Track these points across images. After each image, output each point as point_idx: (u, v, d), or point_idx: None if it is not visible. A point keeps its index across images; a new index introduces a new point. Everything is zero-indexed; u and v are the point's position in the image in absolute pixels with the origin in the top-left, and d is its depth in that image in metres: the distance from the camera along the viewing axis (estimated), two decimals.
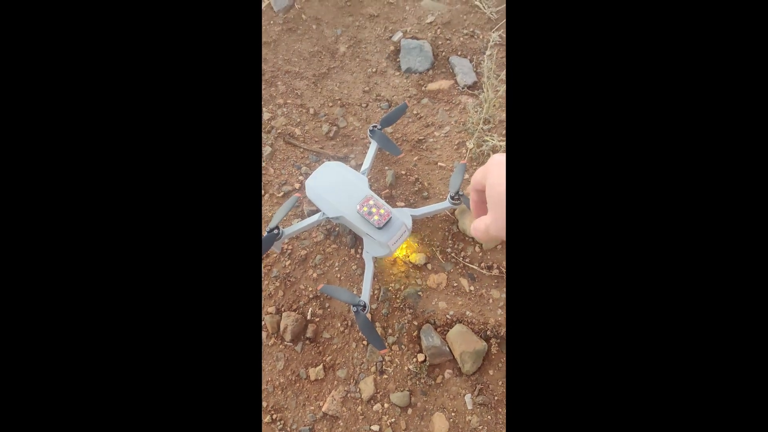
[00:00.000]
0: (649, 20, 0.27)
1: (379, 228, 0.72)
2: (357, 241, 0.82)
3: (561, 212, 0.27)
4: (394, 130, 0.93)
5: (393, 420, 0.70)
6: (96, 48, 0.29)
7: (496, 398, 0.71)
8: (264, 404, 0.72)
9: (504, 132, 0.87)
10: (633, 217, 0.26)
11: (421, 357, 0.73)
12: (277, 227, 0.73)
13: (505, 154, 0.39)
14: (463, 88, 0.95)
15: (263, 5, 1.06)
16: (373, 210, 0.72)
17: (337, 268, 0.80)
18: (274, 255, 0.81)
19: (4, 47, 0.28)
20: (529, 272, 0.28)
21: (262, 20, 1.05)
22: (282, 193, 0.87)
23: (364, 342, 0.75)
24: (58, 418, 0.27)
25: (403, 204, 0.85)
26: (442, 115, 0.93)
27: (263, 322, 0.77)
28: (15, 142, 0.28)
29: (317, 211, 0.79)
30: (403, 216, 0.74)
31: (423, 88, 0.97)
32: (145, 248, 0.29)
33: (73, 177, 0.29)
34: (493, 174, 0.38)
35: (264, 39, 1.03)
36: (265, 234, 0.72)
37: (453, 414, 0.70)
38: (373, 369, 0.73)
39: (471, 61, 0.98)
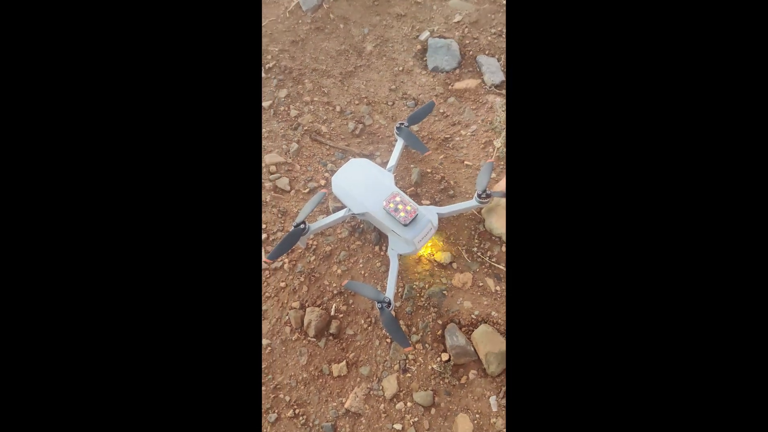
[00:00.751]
0: (647, 28, 0.27)
1: (405, 225, 0.71)
2: (382, 238, 0.82)
3: (561, 214, 0.27)
4: (420, 128, 0.92)
5: (416, 419, 0.69)
6: (100, 49, 0.30)
7: None
8: (287, 398, 0.72)
9: None
10: (634, 219, 0.26)
11: (445, 356, 0.72)
12: (303, 222, 0.73)
13: None
14: (490, 87, 0.94)
15: (292, 5, 1.08)
16: (400, 207, 0.72)
17: (361, 265, 0.80)
18: (299, 250, 0.82)
19: (6, 48, 0.28)
20: (530, 272, 0.27)
21: (292, 20, 1.06)
22: (308, 189, 0.87)
23: (388, 340, 0.74)
24: (64, 408, 0.27)
25: (428, 202, 0.84)
26: (468, 114, 0.92)
27: (287, 317, 0.77)
28: (20, 146, 0.28)
29: (342, 207, 0.79)
30: (430, 214, 0.74)
31: (450, 86, 0.96)
32: (146, 249, 0.29)
33: (79, 183, 0.29)
34: None
35: (292, 38, 1.04)
36: (291, 229, 0.72)
37: (477, 416, 0.68)
38: (396, 367, 0.73)
39: (498, 60, 0.97)
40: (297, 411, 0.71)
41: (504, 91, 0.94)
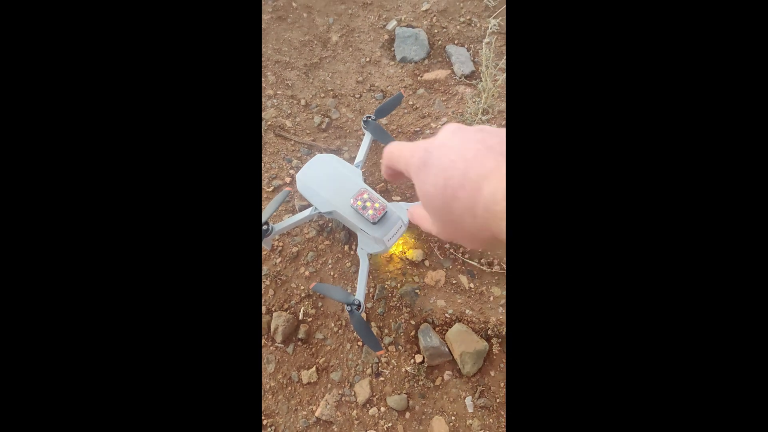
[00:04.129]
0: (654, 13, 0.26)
1: (374, 223, 0.68)
2: (351, 237, 0.78)
3: (565, 208, 0.25)
4: (389, 121, 0.89)
5: (390, 425, 0.66)
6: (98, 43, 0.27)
7: (498, 401, 0.67)
8: None
9: (503, 123, 0.83)
10: (637, 214, 0.25)
11: (419, 358, 0.70)
12: (266, 223, 0.69)
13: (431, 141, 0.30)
14: (460, 78, 0.92)
15: None
16: (368, 204, 0.68)
17: (330, 266, 0.77)
18: (264, 252, 0.77)
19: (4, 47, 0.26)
20: (531, 270, 0.25)
21: None
22: (272, 188, 0.83)
23: (359, 343, 0.71)
24: (52, 423, 0.25)
25: (399, 198, 0.81)
26: (438, 105, 0.89)
27: None
28: (12, 141, 0.26)
29: (309, 205, 0.76)
30: (400, 210, 0.71)
31: (419, 78, 0.93)
32: (141, 244, 0.27)
33: (69, 167, 0.26)
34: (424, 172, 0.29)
35: None
36: None
37: (453, 418, 0.66)
38: (368, 371, 0.70)
39: (468, 50, 0.95)
40: (265, 422, 0.67)
41: (474, 82, 0.91)
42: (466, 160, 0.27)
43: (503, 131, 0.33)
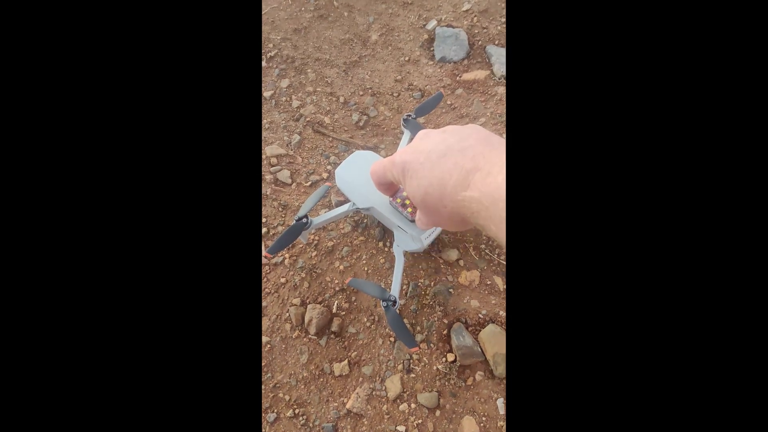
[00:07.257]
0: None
1: (412, 221, 0.69)
2: (385, 233, 0.79)
3: (566, 209, 0.25)
4: (427, 121, 0.89)
5: (420, 421, 0.67)
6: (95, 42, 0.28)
7: None
8: (287, 398, 0.70)
9: None
10: (645, 214, 0.25)
11: (451, 357, 0.70)
12: (305, 216, 0.70)
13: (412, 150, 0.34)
14: (499, 79, 0.91)
15: None
16: (407, 202, 0.69)
17: (364, 261, 0.77)
18: (300, 245, 0.79)
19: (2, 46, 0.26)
20: (531, 270, 0.26)
21: (294, 7, 1.03)
22: (310, 183, 0.84)
23: (391, 338, 0.72)
24: (55, 418, 0.26)
25: None
26: (477, 106, 0.89)
27: (288, 314, 0.74)
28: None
29: (345, 201, 0.77)
30: None
31: (458, 78, 0.93)
32: (140, 243, 0.27)
33: (73, 176, 0.26)
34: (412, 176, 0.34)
35: (295, 26, 1.01)
36: (292, 223, 0.70)
37: (484, 418, 0.66)
38: (400, 367, 0.70)
39: None
40: (297, 411, 0.69)
41: None
42: (431, 162, 0.33)
43: (464, 128, 0.37)
